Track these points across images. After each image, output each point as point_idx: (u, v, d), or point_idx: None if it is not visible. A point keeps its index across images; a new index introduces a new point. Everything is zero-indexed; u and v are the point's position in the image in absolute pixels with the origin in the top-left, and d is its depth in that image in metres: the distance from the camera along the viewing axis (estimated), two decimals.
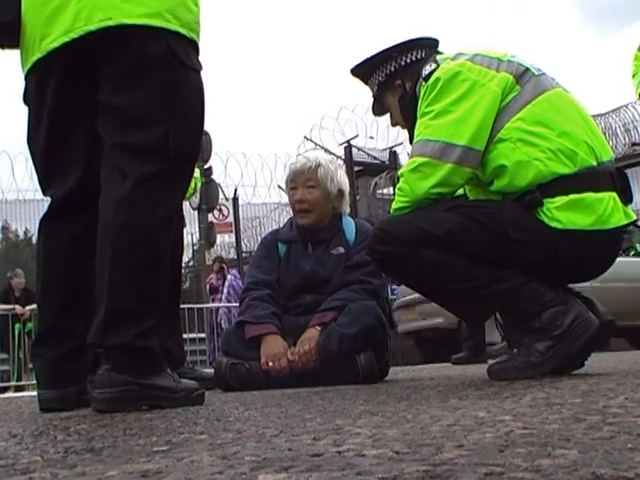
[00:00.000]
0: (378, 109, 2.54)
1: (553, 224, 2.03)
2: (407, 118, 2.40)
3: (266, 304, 3.09)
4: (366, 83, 2.50)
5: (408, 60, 2.40)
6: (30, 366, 9.32)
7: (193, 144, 2.05)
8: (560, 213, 2.03)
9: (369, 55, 2.45)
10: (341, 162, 14.37)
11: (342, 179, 3.31)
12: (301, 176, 3.23)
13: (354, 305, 2.93)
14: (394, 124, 2.52)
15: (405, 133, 2.52)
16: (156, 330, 1.89)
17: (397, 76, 2.41)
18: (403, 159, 14.91)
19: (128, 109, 1.93)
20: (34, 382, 3.23)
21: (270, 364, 2.94)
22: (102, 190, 1.94)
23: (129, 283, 1.86)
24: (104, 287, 1.85)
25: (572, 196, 2.03)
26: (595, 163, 2.09)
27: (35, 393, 2.24)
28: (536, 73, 2.19)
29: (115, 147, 1.94)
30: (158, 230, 1.91)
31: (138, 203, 1.89)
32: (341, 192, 3.28)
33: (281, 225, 3.59)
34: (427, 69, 2.25)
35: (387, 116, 2.59)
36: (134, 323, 1.84)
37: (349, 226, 3.28)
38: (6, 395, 6.33)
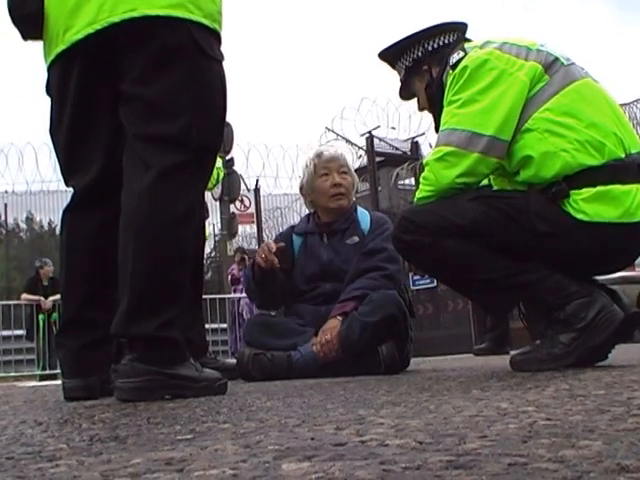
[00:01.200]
0: (405, 94, 2.52)
1: (579, 216, 2.01)
2: (433, 106, 2.38)
3: None
4: (393, 67, 2.49)
5: (435, 45, 2.37)
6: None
7: (216, 135, 2.06)
8: (587, 205, 2.00)
9: (397, 39, 2.44)
10: (362, 152, 14.32)
11: None
12: (335, 162, 3.30)
13: (375, 294, 2.93)
14: (421, 109, 2.50)
15: (427, 123, 2.52)
16: (179, 320, 1.91)
17: (424, 61, 2.39)
18: (425, 150, 14.81)
19: (151, 100, 1.94)
20: (58, 371, 3.26)
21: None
22: (124, 181, 1.95)
23: (152, 274, 1.87)
24: (127, 278, 1.87)
25: (599, 188, 2.01)
26: (623, 155, 2.06)
27: (60, 382, 2.27)
28: (565, 63, 2.15)
29: (138, 138, 1.95)
30: (181, 221, 1.92)
31: (161, 194, 1.89)
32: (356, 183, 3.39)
33: (303, 215, 3.62)
34: (455, 57, 2.22)
35: (409, 106, 2.59)
36: (157, 313, 1.85)
37: (364, 217, 3.31)
38: (31, 383, 6.41)
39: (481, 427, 0.87)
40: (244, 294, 10.61)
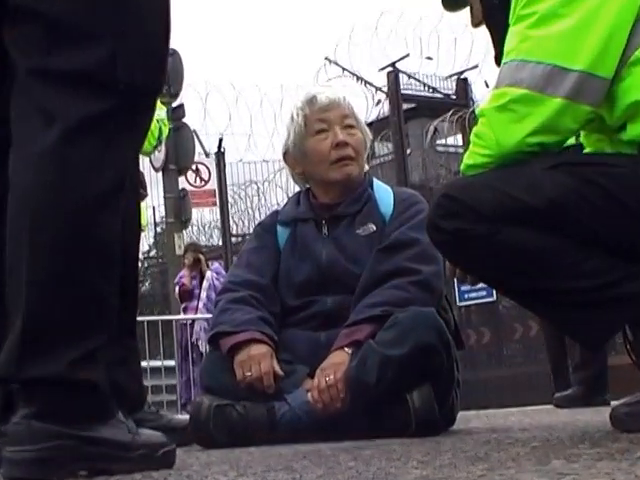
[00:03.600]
0: (451, 1, 2.51)
1: None
2: (493, 24, 2.37)
3: (249, 307, 3.14)
4: None
5: None
6: None
7: (154, 69, 2.05)
8: None
9: None
10: (382, 96, 14.33)
11: None
12: (337, 110, 3.28)
13: (402, 314, 2.92)
14: (476, 24, 2.48)
15: (482, 50, 2.52)
16: (102, 355, 1.91)
17: None
18: (478, 91, 14.84)
19: (54, 17, 1.93)
20: None
21: (248, 373, 2.97)
22: (14, 142, 1.94)
23: (58, 284, 1.87)
24: (21, 289, 1.86)
25: None
26: None
27: None
28: None
29: (36, 75, 1.95)
30: (102, 203, 1.92)
31: (71, 161, 1.89)
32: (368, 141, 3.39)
33: (290, 195, 3.61)
34: None
35: (453, 23, 2.58)
36: (67, 345, 1.85)
37: (384, 194, 3.29)
38: None
39: None
40: (201, 314, 10.62)
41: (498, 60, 2.30)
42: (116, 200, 1.97)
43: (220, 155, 14.97)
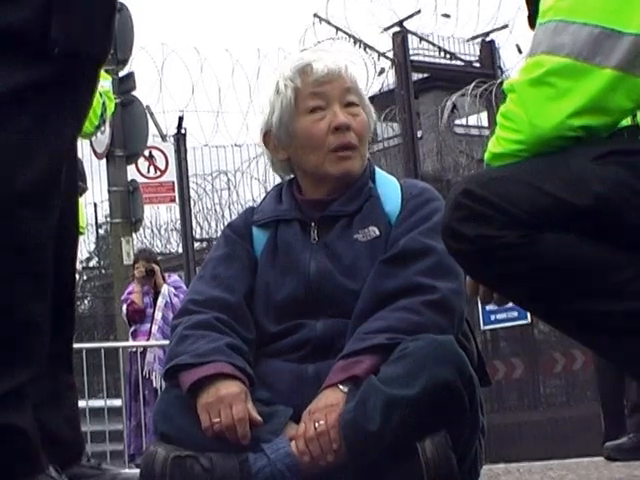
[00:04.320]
0: None
1: None
2: None
3: (216, 333, 3.10)
4: None
5: None
6: None
7: (98, 30, 2.05)
8: None
9: None
10: (387, 64, 14.35)
11: None
12: (336, 82, 3.23)
13: (414, 343, 2.91)
14: None
15: (514, 7, 2.53)
16: (28, 395, 1.90)
17: None
18: (508, 58, 14.87)
19: None
20: None
21: (216, 420, 2.94)
22: None
23: None
24: None
25: None
26: None
27: None
28: None
29: None
30: (28, 199, 1.92)
31: None
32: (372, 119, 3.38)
33: (269, 188, 3.59)
34: None
35: None
36: None
37: (390, 189, 3.28)
38: None
39: None
40: (155, 339, 10.58)
41: (532, 21, 2.31)
42: (47, 196, 1.96)
43: (180, 138, 14.96)
